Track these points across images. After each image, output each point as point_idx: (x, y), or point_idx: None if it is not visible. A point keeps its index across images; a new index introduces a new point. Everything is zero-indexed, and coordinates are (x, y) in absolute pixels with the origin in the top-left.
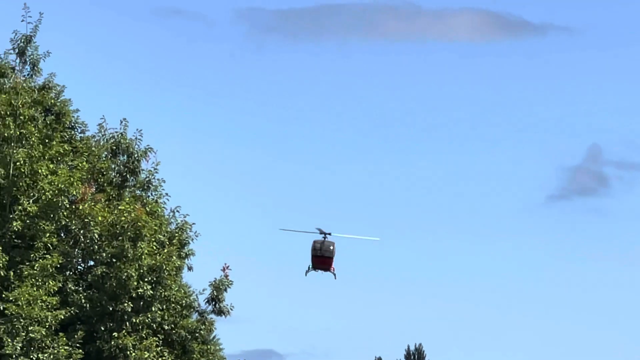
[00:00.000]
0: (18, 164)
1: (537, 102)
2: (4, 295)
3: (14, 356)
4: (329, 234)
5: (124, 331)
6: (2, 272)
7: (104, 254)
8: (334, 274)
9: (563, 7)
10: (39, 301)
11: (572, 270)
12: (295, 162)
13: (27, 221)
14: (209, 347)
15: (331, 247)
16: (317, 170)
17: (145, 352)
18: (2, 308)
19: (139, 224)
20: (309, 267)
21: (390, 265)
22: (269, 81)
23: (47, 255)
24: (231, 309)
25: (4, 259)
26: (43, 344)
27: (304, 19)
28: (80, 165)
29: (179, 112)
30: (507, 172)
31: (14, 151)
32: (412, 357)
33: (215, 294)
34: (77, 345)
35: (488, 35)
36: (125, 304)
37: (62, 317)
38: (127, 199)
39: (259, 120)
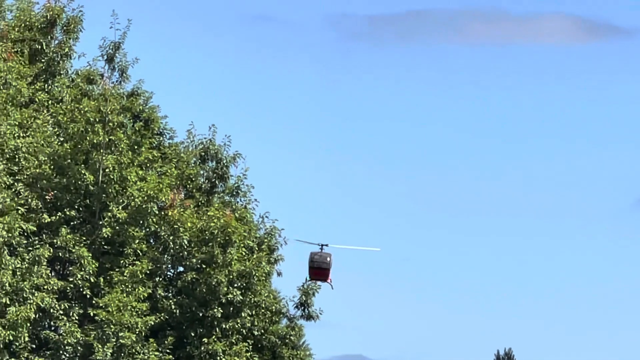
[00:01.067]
0: (107, 170)
1: (627, 104)
2: (94, 302)
3: None
4: (326, 245)
5: (213, 337)
6: (92, 279)
7: (194, 260)
8: (331, 285)
9: None
10: (129, 307)
11: None
12: (385, 166)
13: (117, 227)
14: (298, 352)
15: (328, 259)
16: (410, 171)
17: (235, 358)
18: (92, 314)
19: (229, 229)
20: (306, 278)
21: (478, 270)
22: (356, 86)
23: (136, 262)
24: (320, 314)
25: (94, 265)
26: (133, 350)
27: (392, 24)
28: (169, 171)
29: (267, 118)
30: (594, 176)
31: (103, 158)
32: None
33: (304, 299)
34: (167, 351)
35: (576, 39)
36: (215, 310)
37: (152, 323)
38: (216, 205)
39: (346, 125)
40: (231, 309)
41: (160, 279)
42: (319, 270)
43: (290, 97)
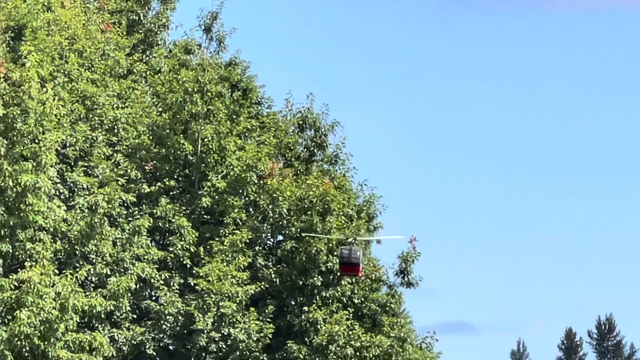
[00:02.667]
0: (206, 140)
1: None
2: (194, 271)
3: (205, 331)
4: (354, 239)
5: (314, 305)
6: (192, 248)
7: (293, 229)
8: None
9: None
10: (229, 276)
11: None
12: (484, 134)
13: (216, 197)
14: (398, 320)
15: (358, 254)
16: (507, 138)
17: (336, 326)
18: (192, 284)
19: (327, 198)
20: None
21: (579, 236)
22: (455, 50)
23: (236, 231)
24: (420, 281)
25: (193, 235)
26: (234, 319)
27: None
28: (267, 140)
29: (365, 86)
30: None
31: (202, 128)
32: (602, 328)
33: (404, 266)
34: (268, 320)
35: None
36: (315, 278)
37: (253, 292)
38: (315, 174)
39: (444, 92)
40: (331, 277)
41: (260, 248)
42: (349, 266)
43: (388, 63)
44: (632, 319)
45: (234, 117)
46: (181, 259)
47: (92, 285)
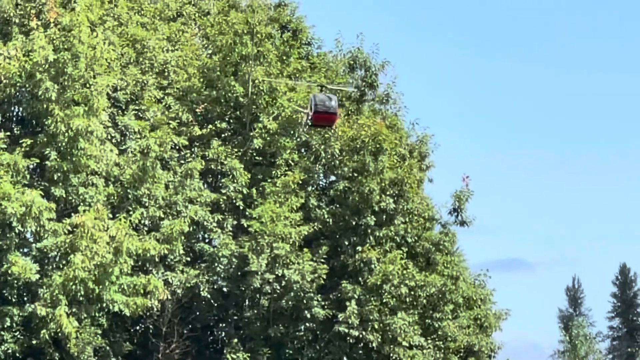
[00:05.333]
0: (257, 81)
1: None
2: (247, 213)
3: (259, 273)
4: (324, 85)
5: (367, 245)
6: (244, 190)
7: (345, 169)
8: (334, 130)
9: None
10: (282, 218)
11: None
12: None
13: (268, 138)
14: (452, 258)
15: (333, 102)
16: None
17: (390, 265)
18: (246, 226)
19: (379, 137)
20: (306, 123)
21: (633, 173)
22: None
23: (288, 172)
24: (473, 220)
25: (246, 177)
26: (288, 260)
27: None
28: (318, 80)
29: (416, 25)
30: None
31: (252, 69)
32: None
33: (457, 204)
34: (322, 260)
35: None
36: (368, 218)
37: (306, 233)
38: (367, 113)
39: (500, 33)
40: (384, 216)
41: (313, 189)
42: (324, 114)
43: (440, 3)
44: None
45: (284, 58)
46: (234, 201)
47: (146, 228)
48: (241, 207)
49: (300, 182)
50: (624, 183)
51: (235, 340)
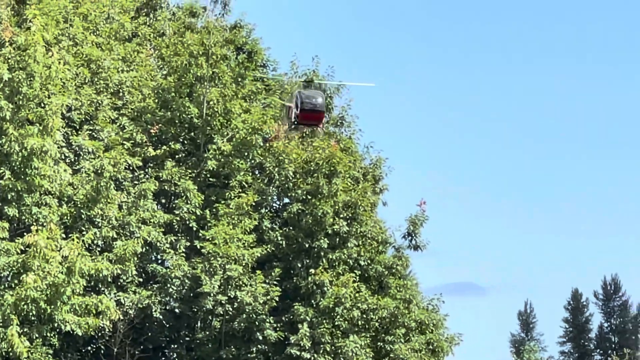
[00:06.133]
0: (211, 103)
1: None
2: (200, 234)
3: (212, 294)
4: (311, 80)
5: (320, 267)
6: (198, 211)
7: (299, 191)
8: (323, 130)
9: None
10: (235, 239)
11: None
12: (484, 88)
13: (222, 160)
14: (405, 282)
15: (320, 99)
16: (514, 100)
17: (343, 288)
18: (199, 247)
19: (334, 160)
20: (292, 121)
21: (586, 199)
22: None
23: (242, 194)
24: (427, 244)
25: (199, 198)
26: (240, 282)
27: None
28: (273, 103)
29: (369, 48)
30: None
31: (207, 90)
32: (608, 288)
33: (412, 228)
34: (274, 282)
35: None
36: (322, 241)
37: (259, 255)
38: (321, 136)
39: (451, 53)
40: (337, 239)
41: (266, 211)
42: (311, 112)
43: (392, 27)
44: (638, 279)
45: (239, 79)
46: (187, 222)
47: (99, 249)
48: (194, 229)
49: (254, 204)
50: (575, 208)
51: None
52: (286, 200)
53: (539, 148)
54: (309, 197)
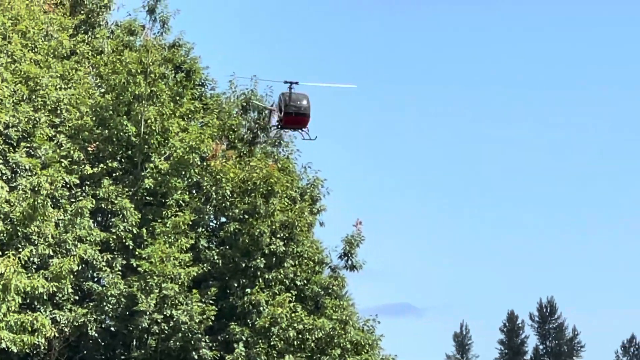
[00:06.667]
0: (149, 121)
1: None
2: (137, 253)
3: (147, 313)
4: (296, 82)
5: (256, 287)
6: (135, 230)
7: (236, 211)
8: (309, 135)
9: None
10: (171, 258)
11: None
12: (419, 117)
13: (159, 178)
14: (341, 302)
15: (305, 102)
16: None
17: (279, 308)
18: (135, 265)
19: (271, 180)
20: (273, 126)
21: (521, 222)
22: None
23: (179, 213)
24: (363, 264)
25: (136, 217)
26: (176, 301)
27: None
28: (211, 122)
29: (307, 69)
30: None
31: (145, 109)
32: (544, 310)
33: (348, 249)
34: (211, 301)
35: None
36: (258, 260)
37: (195, 274)
38: (259, 156)
39: (384, 76)
40: (274, 259)
41: (203, 230)
42: (298, 116)
43: (329, 47)
44: (573, 301)
45: (177, 98)
46: (124, 241)
47: (35, 266)
48: (131, 247)
49: (191, 223)
50: (511, 230)
51: None
52: (223, 219)
53: (476, 171)
54: (246, 217)
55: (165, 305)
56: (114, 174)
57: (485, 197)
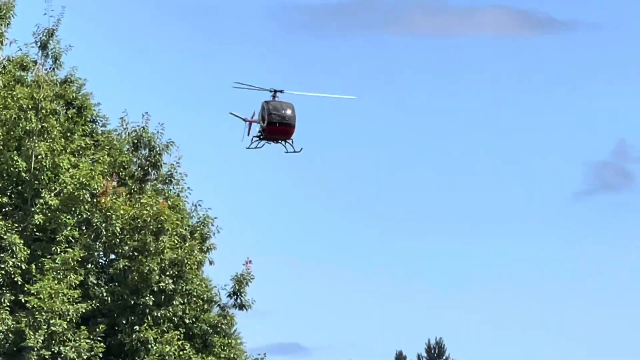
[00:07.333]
0: (40, 157)
1: (565, 98)
2: (25, 289)
3: (35, 349)
4: (281, 91)
5: (145, 325)
6: (23, 266)
7: (126, 248)
8: (294, 147)
9: (591, 3)
10: (60, 294)
11: (597, 264)
12: (316, 158)
13: (49, 214)
14: (230, 341)
15: (289, 111)
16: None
17: (167, 346)
18: (23, 301)
19: (161, 217)
20: (254, 137)
21: (413, 264)
22: (297, 78)
23: (68, 249)
24: (252, 303)
25: (25, 252)
26: (64, 337)
27: (333, 15)
28: (101, 158)
29: (201, 107)
30: (533, 169)
31: (36, 145)
32: (432, 351)
33: (237, 287)
34: (99, 338)
35: (515, 32)
36: (147, 298)
37: (84, 311)
38: (149, 193)
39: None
40: (163, 297)
41: (92, 267)
42: (282, 126)
43: (226, 87)
44: (461, 343)
45: (68, 134)
46: (12, 276)
47: None
48: (19, 283)
49: (80, 259)
50: (400, 270)
51: None
52: (113, 256)
53: (364, 214)
54: (136, 254)
55: (54, 342)
56: (3, 209)
57: (373, 235)
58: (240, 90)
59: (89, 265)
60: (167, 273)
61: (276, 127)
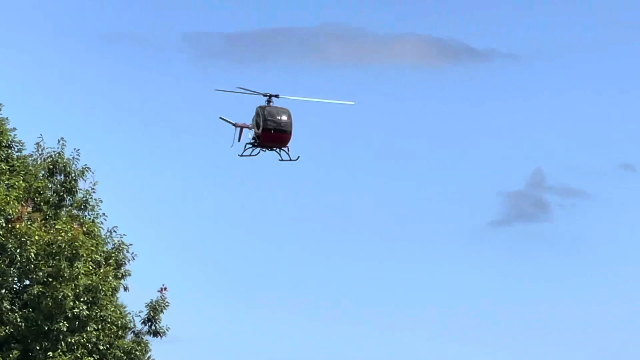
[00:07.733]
0: None
1: (480, 127)
2: None
3: None
4: (276, 96)
5: (59, 350)
6: None
7: (40, 274)
8: (289, 155)
9: (507, 33)
10: None
11: (512, 295)
12: (235, 180)
13: None
14: None
15: (285, 117)
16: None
17: None
18: None
19: (76, 243)
20: (247, 144)
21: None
22: (213, 105)
23: None
24: (167, 330)
25: None
26: None
27: (249, 43)
28: (17, 184)
29: (117, 133)
30: (448, 198)
31: None
32: None
33: (152, 314)
34: None
35: (432, 61)
36: (61, 324)
37: None
38: (64, 219)
39: (199, 142)
40: (77, 323)
41: (6, 292)
42: (275, 133)
43: (142, 113)
44: None
45: None
46: None
47: None
48: None
49: None
50: (325, 294)
51: None
52: (27, 282)
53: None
54: (50, 280)
55: None
56: None
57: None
58: (164, 114)
59: (3, 290)
60: (82, 299)
61: (271, 134)
